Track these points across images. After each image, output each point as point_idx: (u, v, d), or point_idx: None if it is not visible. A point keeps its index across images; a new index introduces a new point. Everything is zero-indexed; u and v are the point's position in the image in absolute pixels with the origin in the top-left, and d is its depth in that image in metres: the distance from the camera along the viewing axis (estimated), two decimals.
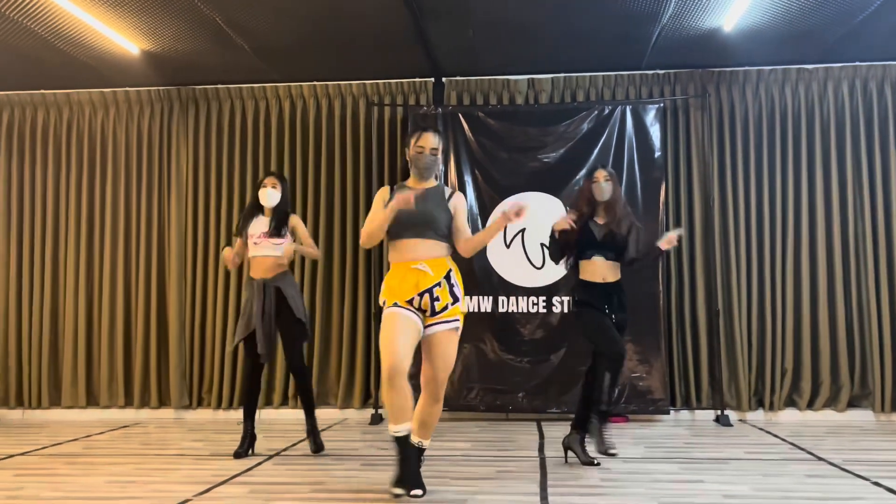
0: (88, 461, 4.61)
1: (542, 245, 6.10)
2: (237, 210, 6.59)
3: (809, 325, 6.13)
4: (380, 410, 6.16)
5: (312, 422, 4.74)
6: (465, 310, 3.67)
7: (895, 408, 5.99)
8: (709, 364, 6.16)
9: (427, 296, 3.48)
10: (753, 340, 6.16)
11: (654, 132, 6.16)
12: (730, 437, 5.28)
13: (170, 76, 6.50)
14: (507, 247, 6.18)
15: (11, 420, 6.63)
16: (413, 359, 3.46)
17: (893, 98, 6.23)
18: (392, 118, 6.61)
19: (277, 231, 4.67)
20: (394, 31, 5.56)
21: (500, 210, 5.45)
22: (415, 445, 3.56)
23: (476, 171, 6.27)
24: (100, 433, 5.74)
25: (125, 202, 6.74)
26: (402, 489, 3.43)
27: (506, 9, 5.21)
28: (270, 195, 4.72)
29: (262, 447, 4.87)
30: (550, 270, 6.04)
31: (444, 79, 6.59)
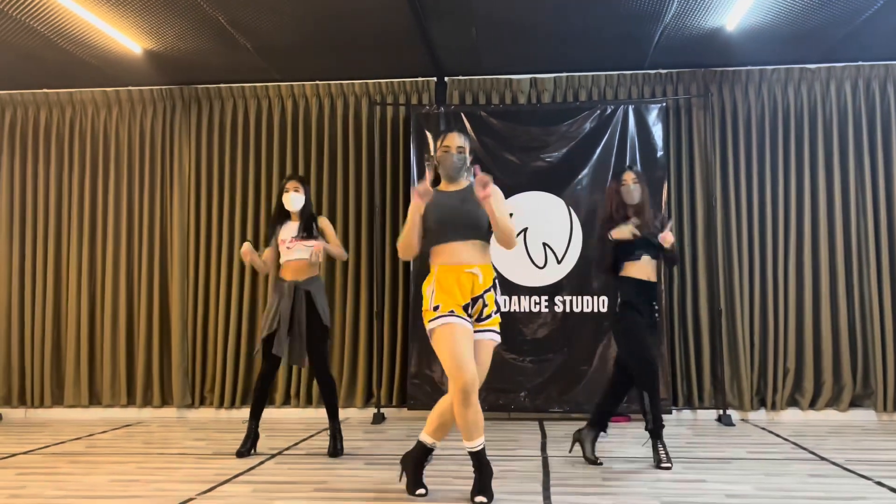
0: (91, 460, 4.62)
1: (545, 245, 6.10)
2: (239, 209, 6.60)
3: (812, 325, 6.13)
4: (381, 410, 6.17)
5: (336, 425, 4.70)
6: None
7: None
8: (711, 363, 6.16)
9: (480, 301, 3.44)
10: (756, 340, 6.15)
11: (657, 132, 6.15)
12: (732, 437, 5.27)
13: (172, 75, 6.51)
14: None
15: (14, 419, 6.64)
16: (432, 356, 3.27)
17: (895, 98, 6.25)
18: (394, 118, 6.61)
19: (308, 233, 4.68)
20: (396, 31, 5.56)
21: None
22: (427, 446, 3.54)
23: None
24: (102, 432, 5.75)
25: (128, 201, 6.75)
26: (485, 497, 3.35)
27: (508, 8, 5.21)
28: (294, 199, 4.71)
29: (265, 446, 4.88)
30: (552, 270, 6.05)
31: (447, 78, 6.59)
